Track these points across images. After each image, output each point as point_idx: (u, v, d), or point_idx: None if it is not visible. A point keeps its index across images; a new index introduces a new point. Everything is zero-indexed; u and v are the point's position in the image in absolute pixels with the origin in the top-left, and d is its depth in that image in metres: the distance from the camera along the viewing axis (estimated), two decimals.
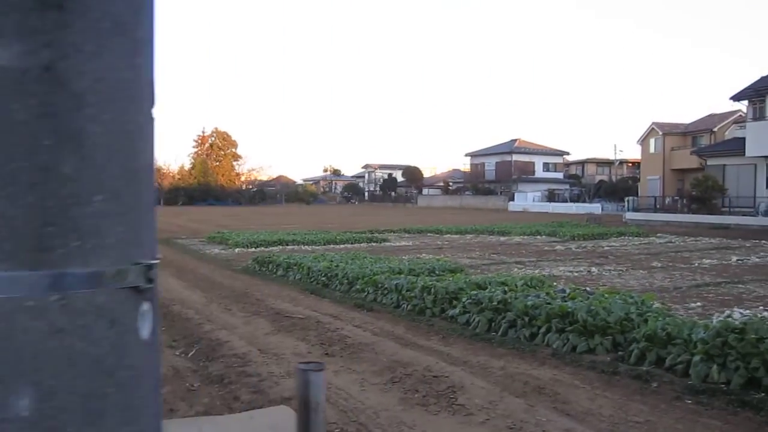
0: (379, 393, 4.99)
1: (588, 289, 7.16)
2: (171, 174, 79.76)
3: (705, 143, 41.68)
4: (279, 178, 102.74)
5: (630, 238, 21.92)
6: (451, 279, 8.56)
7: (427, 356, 5.93)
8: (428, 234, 24.64)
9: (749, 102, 31.56)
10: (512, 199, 57.26)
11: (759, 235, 22.60)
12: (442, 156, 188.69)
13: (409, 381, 5.20)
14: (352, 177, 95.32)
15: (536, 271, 12.20)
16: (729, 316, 7.00)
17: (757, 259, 14.43)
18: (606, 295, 6.64)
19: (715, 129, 42.00)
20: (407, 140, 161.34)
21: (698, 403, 4.20)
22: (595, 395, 4.56)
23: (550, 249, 17.85)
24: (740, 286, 9.90)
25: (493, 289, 7.63)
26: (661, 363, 4.92)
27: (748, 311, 7.28)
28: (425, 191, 74.22)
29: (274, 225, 32.20)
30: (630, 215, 31.35)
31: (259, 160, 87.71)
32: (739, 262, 13.92)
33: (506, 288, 7.96)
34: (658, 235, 23.63)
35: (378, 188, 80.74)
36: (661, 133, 44.87)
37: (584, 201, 53.27)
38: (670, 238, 21.95)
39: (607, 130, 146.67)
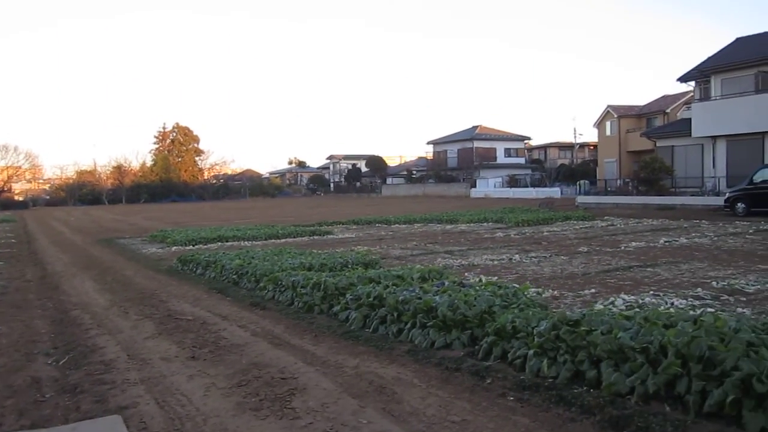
0: (219, 398, 4.81)
1: (465, 281, 7.03)
2: (132, 171, 78.55)
3: (659, 125, 42.07)
4: (246, 171, 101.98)
5: (574, 222, 21.98)
6: (345, 274, 8.38)
7: (289, 356, 5.77)
8: (377, 225, 24.48)
9: (696, 83, 31.87)
10: (474, 185, 57.38)
11: (701, 215, 22.84)
12: (408, 144, 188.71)
13: (255, 384, 5.04)
14: (318, 168, 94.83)
15: (460, 261, 12.14)
16: (612, 303, 6.95)
17: (685, 240, 14.50)
18: (477, 288, 6.53)
19: (668, 110, 42.41)
20: (372, 130, 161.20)
21: (519, 399, 4.08)
22: (428, 394, 4.43)
23: (489, 236, 17.79)
24: (650, 269, 9.88)
25: (386, 284, 7.50)
26: (505, 358, 4.80)
27: (632, 297, 7.23)
28: (389, 180, 74.07)
29: (229, 220, 31.88)
30: (581, 199, 31.53)
31: (223, 155, 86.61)
32: (666, 243, 13.98)
33: (400, 282, 7.86)
34: (606, 218, 23.77)
35: (343, 179, 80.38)
36: (616, 115, 45.22)
37: (545, 185, 53.54)
38: (615, 221, 22.07)
39: (569, 114, 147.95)
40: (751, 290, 7.59)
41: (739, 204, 21.68)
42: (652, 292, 7.61)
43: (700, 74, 30.09)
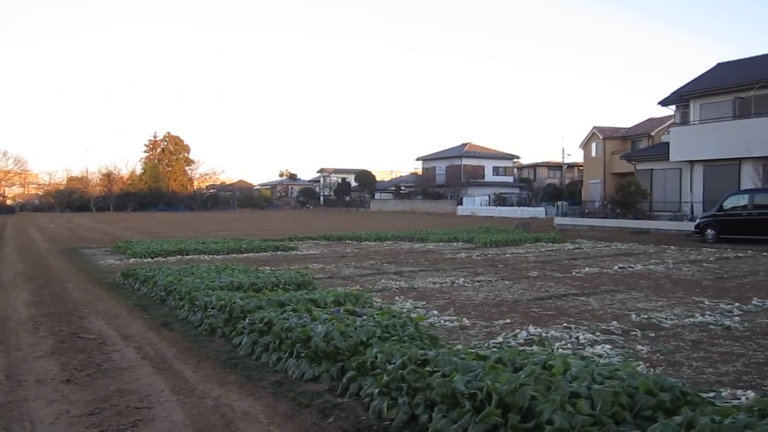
0: (63, 427, 4.60)
1: (358, 309, 6.80)
2: (121, 179, 78.28)
3: (643, 147, 42.03)
4: (238, 182, 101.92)
5: (543, 244, 21.77)
6: (257, 296, 8.17)
7: (162, 383, 5.54)
8: (347, 241, 24.28)
9: (677, 107, 31.84)
10: (461, 203, 57.24)
11: (673, 240, 22.70)
12: (400, 160, 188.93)
13: (107, 413, 4.82)
14: (309, 181, 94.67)
15: (402, 283, 11.92)
16: (514, 335, 6.74)
17: (640, 267, 14.30)
18: (371, 316, 6.31)
19: (653, 133, 42.39)
20: (364, 145, 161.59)
21: None
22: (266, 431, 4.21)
23: (450, 257, 17.58)
24: (583, 298, 9.67)
25: (294, 307, 7.28)
26: (360, 395, 4.57)
27: (540, 330, 7.02)
28: (378, 195, 73.90)
29: (206, 232, 31.63)
30: (559, 220, 31.35)
31: (213, 165, 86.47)
32: (619, 270, 13.77)
33: (312, 306, 7.64)
34: (578, 240, 23.59)
35: (332, 193, 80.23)
36: (601, 137, 45.19)
37: (531, 205, 53.43)
38: (584, 244, 21.88)
39: (560, 134, 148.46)
40: (667, 324, 7.38)
41: (708, 230, 21.52)
42: (565, 324, 7.38)
43: (680, 98, 30.05)
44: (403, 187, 73.06)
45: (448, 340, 6.55)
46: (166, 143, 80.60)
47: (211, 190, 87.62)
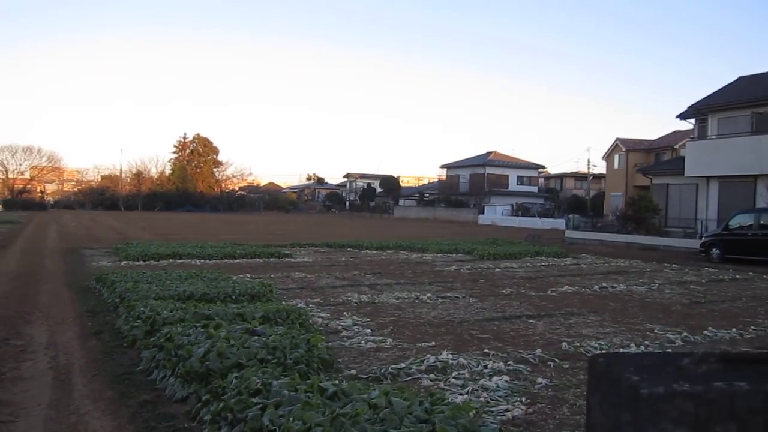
0: None
1: (257, 328, 6.68)
2: (150, 179, 79.58)
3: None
4: (268, 185, 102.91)
5: (543, 259, 21.39)
6: (182, 307, 8.13)
7: (46, 396, 5.54)
8: (348, 249, 24.24)
9: (696, 121, 31.06)
10: (482, 212, 56.74)
11: (678, 258, 22.09)
12: (428, 166, 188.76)
13: None
14: (336, 186, 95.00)
15: (365, 297, 11.78)
16: (422, 361, 6.56)
17: (622, 287, 13.91)
18: (271, 336, 6.20)
19: (677, 146, 41.45)
20: (392, 150, 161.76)
21: None
22: None
23: (439, 270, 17.40)
24: (534, 320, 9.42)
25: (218, 322, 7.22)
26: (215, 419, 4.49)
27: (455, 355, 6.82)
28: (402, 202, 73.73)
29: (217, 235, 31.87)
30: (569, 233, 30.80)
31: (240, 167, 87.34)
32: (597, 290, 13.40)
33: (239, 320, 7.60)
34: (582, 255, 23.14)
35: (358, 198, 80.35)
36: (624, 149, 44.38)
37: (554, 216, 52.70)
38: (586, 259, 21.43)
39: (587, 145, 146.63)
40: (593, 353, 7.11)
41: (714, 249, 20.90)
42: (486, 350, 7.17)
43: (697, 112, 29.31)
44: (427, 194, 72.79)
45: (350, 364, 6.42)
46: (195, 144, 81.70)
47: (240, 192, 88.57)
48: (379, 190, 76.17)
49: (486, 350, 7.14)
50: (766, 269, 18.36)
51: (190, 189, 76.20)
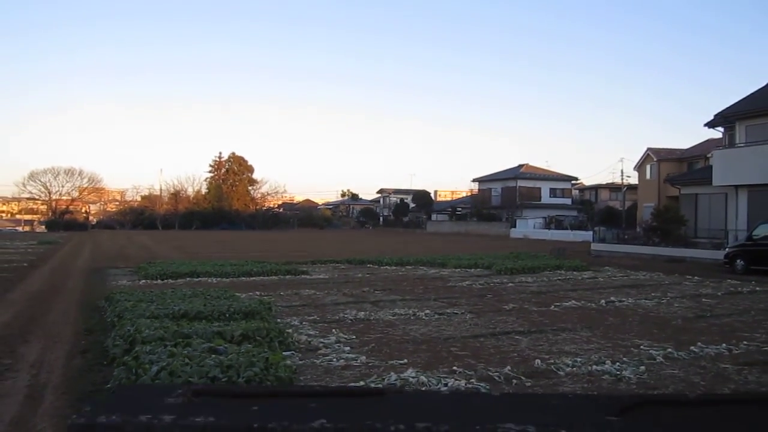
0: None
1: (220, 347, 6.79)
2: (187, 198, 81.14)
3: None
4: (304, 202, 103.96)
5: (562, 272, 21.11)
6: (167, 326, 8.30)
7: (8, 414, 5.73)
8: (368, 265, 24.33)
9: (724, 129, 30.40)
10: (514, 225, 56.29)
11: (703, 270, 21.56)
12: (462, 180, 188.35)
13: None
14: (370, 202, 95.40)
15: (363, 314, 11.80)
16: (382, 379, 6.57)
17: (630, 302, 13.66)
18: (232, 354, 6.31)
19: (709, 155, 40.50)
20: (427, 164, 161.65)
21: None
22: None
23: (451, 285, 17.34)
24: (520, 338, 9.34)
25: (199, 342, 7.38)
26: None
27: (417, 373, 6.81)
28: (435, 216, 73.60)
29: (246, 253, 32.28)
30: (595, 246, 30.34)
31: (275, 184, 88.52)
32: (603, 304, 13.19)
33: (218, 340, 7.72)
34: (604, 268, 22.83)
35: (391, 213, 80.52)
36: (656, 159, 43.61)
37: (586, 228, 51.95)
38: (605, 273, 21.11)
39: (620, 156, 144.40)
40: (562, 372, 7.02)
41: (738, 261, 20.37)
42: (455, 368, 7.13)
43: (724, 120, 28.66)
44: (459, 208, 72.55)
45: (310, 382, 6.48)
46: (230, 163, 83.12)
47: (276, 210, 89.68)
48: (412, 205, 76.22)
49: (455, 368, 7.12)
50: None
51: (225, 207, 77.42)
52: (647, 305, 13.17)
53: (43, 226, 73.21)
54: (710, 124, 30.25)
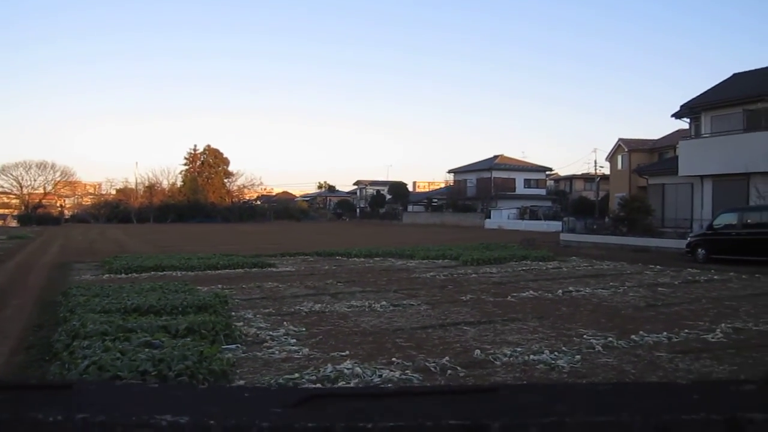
0: None
1: (155, 341, 6.80)
2: (162, 191, 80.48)
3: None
4: (281, 194, 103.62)
5: (528, 263, 21.32)
6: (105, 320, 8.27)
7: None
8: (336, 257, 24.37)
9: (691, 120, 30.80)
10: (489, 216, 56.60)
11: (667, 259, 21.86)
12: (439, 172, 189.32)
13: None
14: (347, 193, 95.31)
15: (319, 306, 11.83)
16: (318, 371, 6.62)
17: (587, 291, 13.81)
18: (167, 349, 6.32)
19: (678, 145, 41.03)
20: (403, 155, 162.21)
21: None
22: None
23: (415, 277, 17.43)
24: (468, 328, 9.43)
25: (140, 336, 7.36)
26: None
27: (355, 365, 6.87)
28: (411, 208, 73.76)
29: (216, 246, 32.14)
30: (565, 236, 30.64)
31: (251, 177, 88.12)
32: (559, 295, 13.34)
33: (162, 333, 7.72)
34: (569, 259, 23.03)
35: (368, 205, 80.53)
36: (626, 149, 44.05)
37: (560, 218, 52.39)
38: (570, 263, 21.33)
39: (594, 147, 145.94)
40: (499, 362, 7.11)
41: (699, 250, 20.69)
42: (395, 359, 7.20)
43: (690, 111, 29.05)
44: (435, 200, 72.78)
45: (246, 374, 6.51)
46: (205, 156, 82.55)
47: (256, 202, 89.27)
48: (388, 196, 76.30)
49: (394, 359, 7.19)
50: (748, 269, 18.13)
51: (201, 200, 76.90)
52: (603, 295, 13.35)
53: (16, 221, 72.25)
54: (677, 115, 30.65)
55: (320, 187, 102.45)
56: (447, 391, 1.10)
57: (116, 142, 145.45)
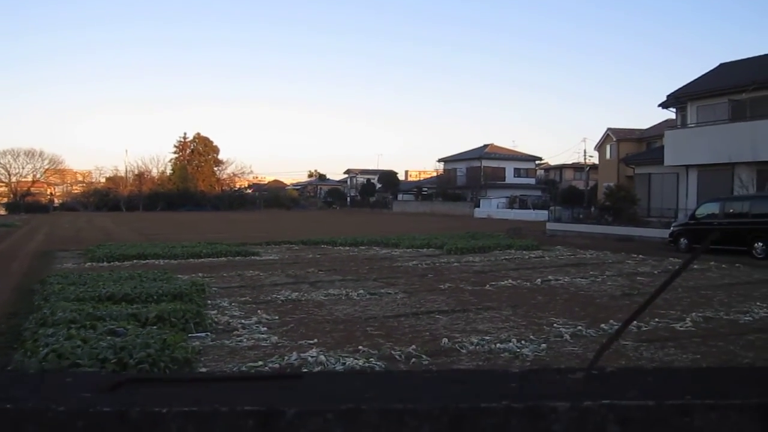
0: None
1: (119, 329, 6.80)
2: (152, 179, 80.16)
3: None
4: (272, 182, 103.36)
5: (512, 252, 21.37)
6: (78, 308, 8.26)
7: None
8: (322, 246, 24.36)
9: (677, 110, 30.86)
10: (478, 205, 56.69)
11: (650, 249, 21.95)
12: (430, 160, 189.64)
13: None
14: (337, 182, 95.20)
15: (297, 294, 11.86)
16: (282, 359, 6.64)
17: (566, 280, 13.87)
18: (130, 336, 6.32)
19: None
20: (394, 144, 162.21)
21: None
22: None
23: (397, 265, 17.46)
24: (440, 317, 9.47)
25: (109, 324, 7.36)
26: None
27: (320, 352, 6.89)
28: (401, 197, 73.78)
29: (203, 234, 32.11)
30: (551, 225, 30.71)
31: (241, 165, 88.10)
32: (537, 284, 13.38)
33: (132, 321, 7.72)
34: (553, 248, 23.08)
35: (358, 194, 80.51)
36: (615, 139, 44.14)
37: (549, 207, 52.52)
38: (554, 252, 21.39)
39: (587, 135, 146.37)
40: (464, 351, 7.14)
41: (681, 239, 20.79)
42: (362, 347, 7.22)
43: (676, 101, 29.10)
44: (425, 189, 72.81)
45: (210, 362, 6.52)
46: (195, 144, 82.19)
47: (247, 190, 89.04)
48: (378, 185, 76.27)
49: (361, 347, 7.21)
50: (729, 258, 18.22)
51: (190, 188, 76.63)
52: (581, 284, 13.41)
53: (4, 209, 71.84)
54: (664, 105, 30.70)
55: (311, 175, 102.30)
56: (251, 377, 1.10)
57: (106, 130, 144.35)
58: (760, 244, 18.26)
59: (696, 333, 8.13)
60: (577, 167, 67.46)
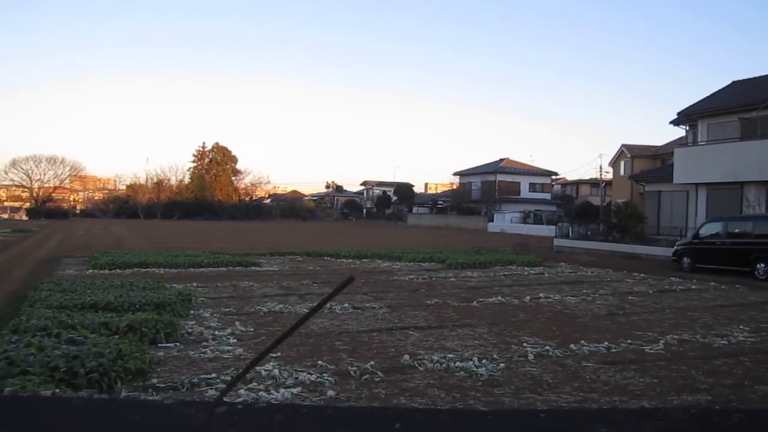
0: None
1: (78, 338, 6.92)
2: (170, 187, 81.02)
3: None
4: (291, 193, 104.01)
5: (513, 268, 21.32)
6: (55, 316, 8.41)
7: None
8: (325, 257, 24.49)
9: (689, 127, 30.56)
10: (492, 219, 56.48)
11: (654, 267, 21.72)
12: (446, 173, 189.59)
13: None
14: (354, 193, 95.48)
15: (281, 306, 11.95)
16: (238, 372, 6.68)
17: (556, 298, 13.78)
18: (89, 345, 6.43)
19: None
20: (412, 157, 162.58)
21: None
22: None
23: (394, 279, 17.50)
24: (413, 332, 9.49)
25: (81, 334, 7.49)
26: None
27: (275, 367, 6.94)
28: (416, 209, 73.75)
29: (215, 244, 32.34)
30: (558, 242, 30.52)
31: (259, 175, 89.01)
32: (526, 302, 13.33)
33: (103, 329, 7.85)
34: (556, 265, 22.94)
35: (374, 206, 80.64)
36: (629, 155, 43.79)
37: (563, 223, 52.18)
38: (555, 269, 21.27)
39: (602, 151, 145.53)
40: (422, 368, 7.16)
41: (685, 258, 20.56)
42: (321, 362, 7.27)
43: (687, 119, 28.84)
44: (440, 202, 72.73)
45: (164, 373, 6.60)
46: (213, 153, 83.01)
47: (265, 200, 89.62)
48: (394, 198, 76.34)
49: (320, 362, 7.25)
50: (731, 279, 18.01)
51: (208, 197, 77.31)
52: (569, 302, 13.32)
53: (25, 214, 73.09)
54: (675, 122, 30.43)
55: (328, 186, 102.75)
56: None
57: (128, 138, 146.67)
58: (763, 265, 17.99)
59: (664, 356, 8.05)
60: (593, 183, 66.94)
